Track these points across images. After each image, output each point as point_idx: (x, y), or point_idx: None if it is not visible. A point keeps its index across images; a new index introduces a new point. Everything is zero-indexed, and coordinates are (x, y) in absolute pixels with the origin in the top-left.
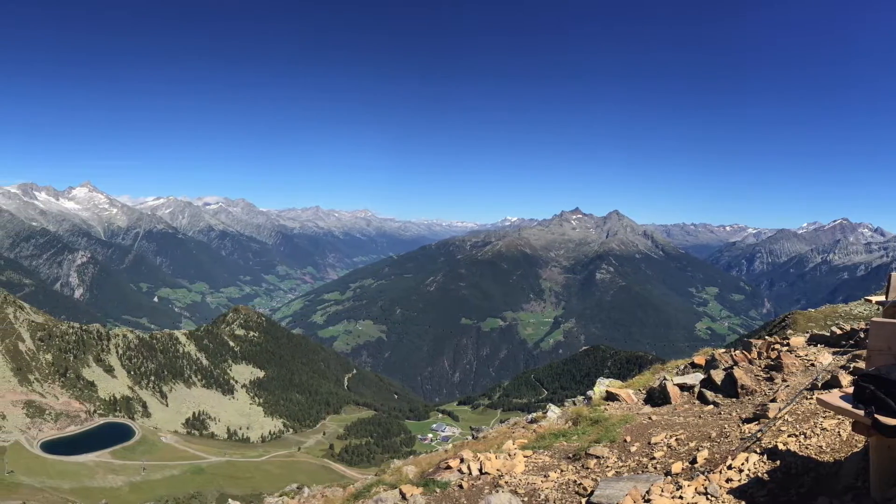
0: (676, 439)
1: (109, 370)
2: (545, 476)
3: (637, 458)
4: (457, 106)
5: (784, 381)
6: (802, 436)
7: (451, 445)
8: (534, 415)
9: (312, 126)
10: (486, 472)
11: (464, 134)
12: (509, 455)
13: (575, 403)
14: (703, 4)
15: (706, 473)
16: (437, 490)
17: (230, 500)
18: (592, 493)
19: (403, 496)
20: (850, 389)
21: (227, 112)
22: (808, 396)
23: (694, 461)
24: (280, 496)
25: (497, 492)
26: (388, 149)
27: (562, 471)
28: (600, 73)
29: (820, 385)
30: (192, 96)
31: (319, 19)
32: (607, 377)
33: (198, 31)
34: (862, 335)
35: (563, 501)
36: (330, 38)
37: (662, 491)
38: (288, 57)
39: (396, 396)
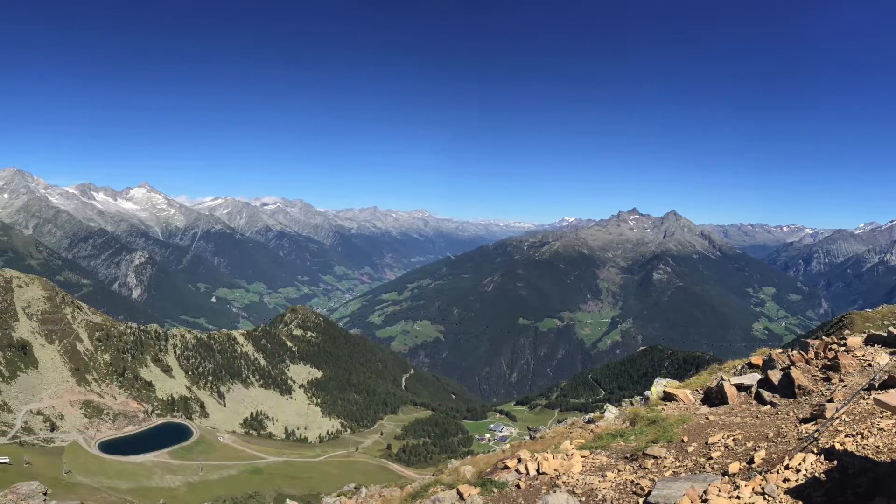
0: (734, 439)
1: (167, 370)
2: (603, 476)
3: (694, 458)
4: (514, 106)
5: (841, 381)
6: (860, 436)
7: (508, 445)
8: (591, 415)
9: (370, 126)
10: (543, 472)
11: (521, 134)
12: (567, 455)
13: (632, 403)
14: (760, 4)
15: (763, 473)
16: (495, 490)
17: (288, 500)
18: (650, 493)
19: (461, 496)
20: None
21: (286, 112)
22: (866, 396)
23: (751, 461)
24: (338, 496)
25: (554, 492)
26: (446, 149)
27: (619, 471)
28: (658, 73)
29: (877, 385)
30: (251, 97)
31: (376, 21)
32: (664, 377)
33: (256, 32)
34: None
35: (621, 501)
36: (387, 39)
37: (720, 491)
38: (345, 58)
39: (454, 396)
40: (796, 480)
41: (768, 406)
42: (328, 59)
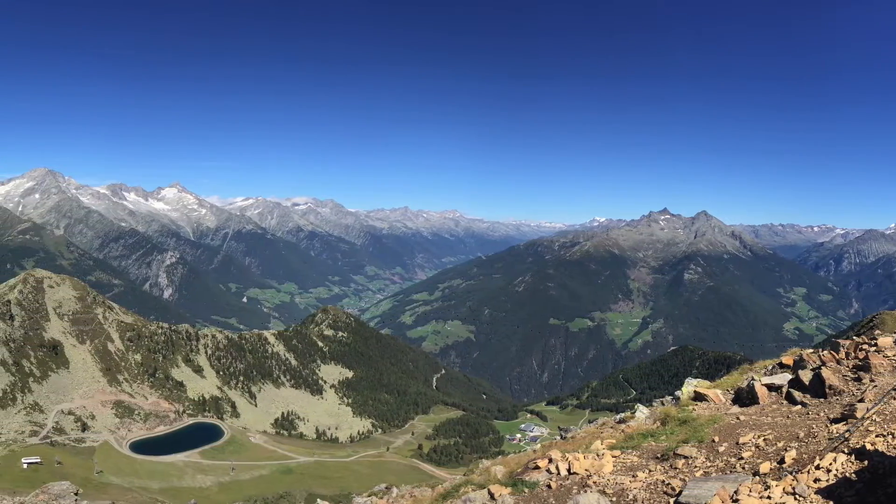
0: (764, 439)
1: (198, 370)
2: (633, 476)
3: (725, 458)
4: (545, 106)
5: (872, 381)
6: (890, 436)
7: (539, 445)
8: (622, 415)
9: (401, 127)
10: (574, 473)
11: (552, 134)
12: (598, 455)
13: (663, 404)
14: (792, 4)
15: (794, 473)
16: (526, 490)
17: (319, 500)
18: (681, 493)
19: (492, 496)
20: None
21: (316, 113)
22: None
23: (782, 461)
24: (369, 496)
25: (585, 492)
26: (477, 149)
27: (650, 471)
28: (688, 73)
29: None
30: (281, 97)
31: (406, 21)
32: (695, 377)
33: (287, 33)
34: None
35: (652, 501)
36: (417, 39)
37: (750, 491)
38: (376, 58)
39: (485, 396)
40: (827, 480)
41: (799, 406)
42: (359, 59)
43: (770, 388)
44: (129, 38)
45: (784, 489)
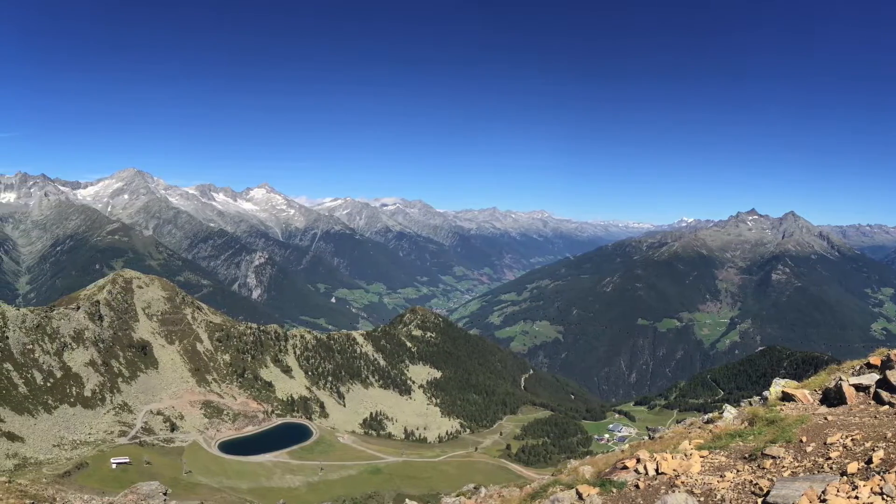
0: (852, 439)
1: (287, 371)
2: (721, 476)
3: (813, 458)
4: (633, 106)
5: None
6: None
7: (627, 446)
8: (710, 415)
9: (489, 127)
10: (662, 473)
11: (640, 134)
12: (685, 455)
13: (751, 404)
14: (878, 4)
15: (882, 473)
16: (614, 490)
17: (407, 500)
18: (768, 493)
19: (580, 496)
20: None
21: (405, 114)
22: None
23: (869, 461)
24: (457, 496)
25: (673, 492)
26: (565, 149)
27: (738, 471)
28: (776, 74)
29: None
30: (370, 98)
31: (496, 21)
32: (783, 378)
33: (376, 34)
34: None
35: (740, 501)
36: (505, 39)
37: (838, 491)
38: (465, 59)
39: (573, 397)
40: None
41: (887, 406)
42: (449, 61)
43: (858, 388)
44: (218, 40)
45: (872, 489)
